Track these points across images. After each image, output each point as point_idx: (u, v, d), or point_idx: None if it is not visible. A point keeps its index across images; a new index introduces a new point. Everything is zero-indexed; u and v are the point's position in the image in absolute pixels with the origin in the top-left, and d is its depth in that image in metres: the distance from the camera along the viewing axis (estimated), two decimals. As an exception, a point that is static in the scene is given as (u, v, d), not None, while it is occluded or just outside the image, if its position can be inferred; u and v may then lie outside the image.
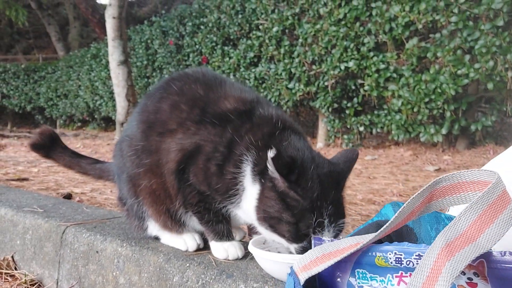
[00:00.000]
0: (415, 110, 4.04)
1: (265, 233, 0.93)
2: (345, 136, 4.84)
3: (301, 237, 0.86)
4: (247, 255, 1.04)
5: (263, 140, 0.94)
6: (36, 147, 1.40)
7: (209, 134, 0.98)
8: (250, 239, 1.11)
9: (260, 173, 0.91)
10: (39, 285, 1.36)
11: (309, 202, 0.85)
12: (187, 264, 1.02)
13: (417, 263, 0.49)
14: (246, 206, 0.96)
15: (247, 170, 0.94)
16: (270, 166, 0.85)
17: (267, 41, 5.41)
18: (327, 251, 0.53)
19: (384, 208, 0.80)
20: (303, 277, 0.50)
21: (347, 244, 0.53)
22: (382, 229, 0.53)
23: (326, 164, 0.92)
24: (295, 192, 0.86)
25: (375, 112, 4.54)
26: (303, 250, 0.86)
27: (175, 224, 1.09)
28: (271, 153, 0.84)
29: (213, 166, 0.97)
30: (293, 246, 0.88)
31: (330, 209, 0.85)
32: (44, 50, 14.76)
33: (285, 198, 0.87)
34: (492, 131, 4.29)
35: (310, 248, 0.84)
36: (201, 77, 1.09)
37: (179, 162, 1.00)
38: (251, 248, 0.93)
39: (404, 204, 0.52)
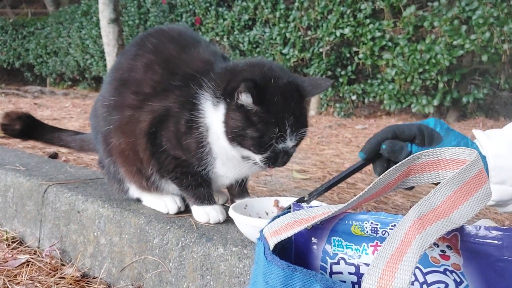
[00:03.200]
0: (408, 80, 4.01)
1: (236, 153, 0.95)
2: (337, 105, 4.82)
3: (265, 147, 0.91)
4: (228, 219, 1.04)
5: (219, 72, 0.97)
6: (14, 133, 1.39)
7: (177, 96, 0.98)
8: (232, 202, 1.10)
9: (223, 94, 0.93)
10: (20, 242, 1.36)
11: (271, 114, 0.89)
12: (168, 227, 1.02)
13: (392, 234, 0.48)
14: (216, 146, 0.97)
15: (208, 104, 0.95)
16: (241, 96, 0.87)
17: (262, 3, 5.27)
18: (298, 218, 0.52)
19: (427, 120, 0.84)
20: (272, 242, 0.50)
21: (320, 212, 0.52)
22: (353, 199, 0.52)
23: (286, 76, 0.94)
24: (258, 107, 0.88)
25: (368, 81, 4.50)
26: (267, 160, 0.93)
27: (151, 185, 1.08)
28: (242, 86, 0.86)
29: (182, 126, 0.97)
30: (258, 157, 0.93)
31: (291, 120, 0.89)
32: (32, 4, 14.28)
33: (249, 115, 0.90)
34: (483, 104, 4.29)
35: (275, 157, 0.91)
36: (176, 36, 1.07)
37: (149, 124, 1.00)
38: (231, 213, 0.92)
39: (380, 176, 0.51)
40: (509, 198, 0.80)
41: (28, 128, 1.39)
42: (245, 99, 0.87)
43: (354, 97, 4.60)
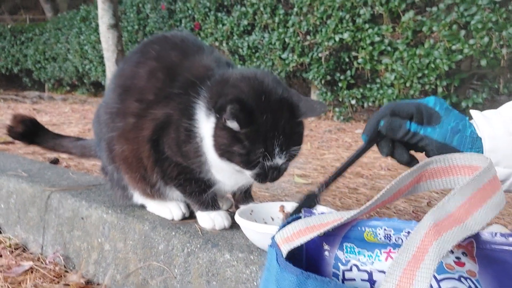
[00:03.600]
0: (407, 84, 4.02)
1: (228, 167, 0.94)
2: (337, 109, 4.83)
3: (251, 164, 0.90)
4: (234, 225, 1.04)
5: (214, 83, 0.95)
6: (17, 136, 1.40)
7: (177, 103, 0.98)
8: (238, 207, 1.10)
9: (214, 108, 0.92)
10: (23, 249, 1.35)
11: (257, 133, 0.87)
12: (173, 233, 1.02)
13: (406, 240, 0.48)
14: (210, 156, 0.96)
15: (201, 115, 0.94)
16: (226, 116, 0.86)
17: (261, 8, 5.29)
18: (310, 224, 0.52)
19: (427, 99, 0.83)
20: (285, 249, 0.49)
21: (332, 219, 0.52)
22: (366, 205, 0.52)
23: (281, 92, 0.92)
24: (245, 126, 0.87)
25: (368, 85, 4.51)
26: (257, 176, 0.93)
27: (155, 192, 1.08)
28: (218, 104, 0.86)
29: (182, 133, 0.96)
30: (248, 173, 0.93)
31: (281, 139, 0.88)
32: (31, 10, 14.30)
33: (235, 133, 0.88)
34: (482, 108, 4.29)
35: (264, 174, 0.90)
36: (179, 42, 1.07)
37: (152, 131, 1.00)
38: (237, 218, 0.92)
39: (392, 182, 0.51)
40: (502, 179, 0.79)
41: (31, 132, 1.39)
42: (231, 123, 0.86)
43: (353, 102, 4.61)
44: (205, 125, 0.94)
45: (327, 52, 4.65)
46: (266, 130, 0.88)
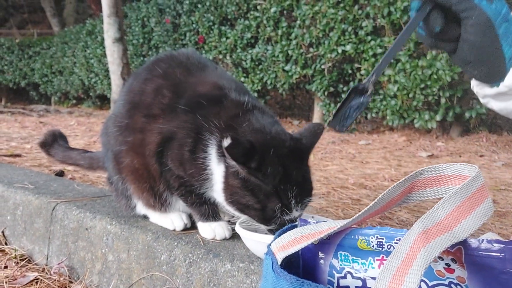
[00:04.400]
0: (410, 96, 4.04)
1: (236, 214, 0.94)
2: (340, 120, 4.84)
3: (269, 219, 0.88)
4: (235, 235, 1.05)
5: (226, 123, 0.95)
6: (41, 145, 1.49)
7: (182, 121, 0.99)
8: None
9: (224, 156, 0.91)
10: (29, 260, 1.37)
11: (272, 187, 0.86)
12: (175, 243, 1.03)
13: (397, 247, 0.49)
14: (218, 189, 0.97)
15: (213, 153, 0.94)
16: (226, 155, 0.85)
17: (264, 22, 5.35)
18: (305, 233, 0.53)
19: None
20: (280, 257, 0.51)
21: (325, 227, 0.54)
22: (358, 214, 0.53)
23: (288, 141, 0.92)
24: (257, 178, 0.86)
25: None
26: (273, 231, 0.88)
27: (158, 202, 1.10)
28: (225, 142, 0.83)
29: (186, 152, 0.98)
30: (263, 227, 0.91)
31: (295, 190, 0.86)
32: (38, 25, 14.53)
33: (248, 185, 0.87)
34: (486, 118, 4.30)
35: (280, 229, 0.88)
36: (185, 60, 1.11)
37: (157, 145, 1.02)
38: (238, 229, 0.94)
39: (384, 192, 0.53)
40: None
41: (52, 143, 1.48)
42: (241, 168, 0.85)
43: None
44: (214, 160, 0.94)
45: (330, 64, 4.69)
46: (280, 183, 0.86)
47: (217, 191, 0.97)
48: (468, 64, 0.79)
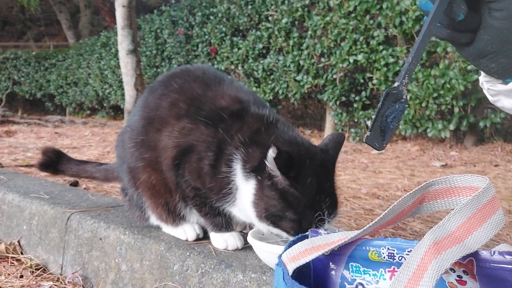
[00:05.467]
0: (423, 105, 4.01)
1: (265, 228, 0.94)
2: (352, 130, 4.83)
3: (305, 231, 0.87)
4: (247, 245, 1.06)
5: (251, 137, 0.95)
6: (44, 167, 1.48)
7: (201, 134, 0.99)
8: (251, 229, 1.12)
9: (254, 170, 0.92)
10: (43, 269, 1.39)
11: (310, 198, 0.87)
12: (188, 253, 1.04)
13: (408, 259, 0.49)
14: (241, 204, 0.97)
15: (238, 168, 0.95)
16: (271, 165, 0.86)
17: (276, 32, 5.39)
18: (316, 244, 0.54)
19: None
20: (291, 267, 0.51)
21: (336, 238, 0.54)
22: (369, 225, 0.53)
23: (318, 153, 0.93)
24: (296, 189, 0.87)
25: (383, 106, 4.50)
26: None
27: (170, 217, 1.12)
28: (272, 152, 0.84)
29: (205, 166, 0.98)
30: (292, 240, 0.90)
31: (327, 202, 0.87)
32: (55, 37, 14.83)
33: (287, 196, 0.87)
34: (501, 128, 4.25)
35: None
36: (201, 75, 1.11)
37: (174, 158, 1.03)
38: (250, 239, 0.94)
39: (395, 203, 0.53)
40: None
41: (55, 162, 1.46)
42: (280, 176, 0.86)
43: (369, 122, 4.61)
44: (241, 176, 0.94)
45: (341, 73, 4.69)
46: (316, 194, 0.87)
47: (239, 205, 0.97)
48: (485, 56, 0.71)
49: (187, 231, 1.13)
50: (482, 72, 0.79)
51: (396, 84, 0.68)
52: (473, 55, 0.72)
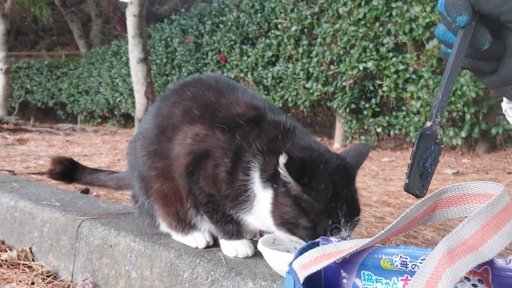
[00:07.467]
0: (434, 112, 3.98)
1: (284, 236, 0.93)
2: (362, 137, 4.81)
3: None
4: (257, 253, 1.05)
5: (269, 145, 0.94)
6: (59, 176, 1.49)
7: (218, 140, 0.98)
8: (262, 236, 1.11)
9: (270, 179, 0.91)
10: (54, 276, 1.39)
11: (324, 204, 0.85)
12: (198, 261, 1.04)
13: (421, 267, 0.48)
14: (258, 212, 0.96)
15: (256, 176, 0.94)
16: (283, 171, 0.85)
17: (285, 40, 5.41)
18: (327, 252, 0.53)
19: None
20: (302, 275, 0.51)
21: (347, 246, 0.54)
22: (381, 233, 0.53)
23: (334, 160, 0.92)
24: (309, 195, 0.86)
25: (393, 113, 4.49)
26: None
27: (180, 225, 1.12)
28: (283, 159, 0.83)
29: (222, 172, 0.97)
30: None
31: (344, 209, 0.86)
32: (66, 46, 15.04)
33: (300, 203, 0.87)
34: (513, 135, 4.20)
35: None
36: (214, 83, 1.11)
37: (188, 165, 1.02)
38: (260, 247, 0.93)
39: (407, 211, 0.52)
40: None
41: (69, 171, 1.47)
42: (293, 183, 0.85)
43: (379, 130, 4.59)
44: (261, 189, 0.93)
45: (351, 81, 4.68)
46: (331, 201, 0.85)
47: (256, 214, 0.97)
48: (511, 83, 0.67)
49: (198, 238, 1.13)
50: (505, 98, 0.76)
51: (428, 124, 0.64)
52: (497, 82, 0.69)
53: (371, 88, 4.62)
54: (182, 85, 1.16)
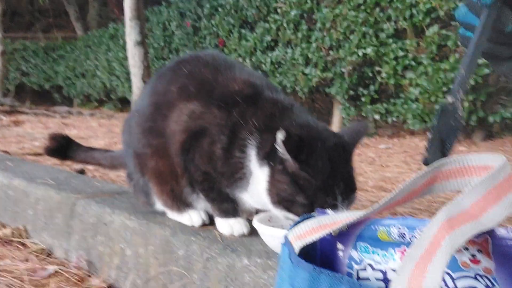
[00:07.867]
0: (432, 99, 3.97)
1: (280, 214, 0.93)
2: (360, 124, 4.79)
3: None
4: (253, 231, 1.04)
5: (266, 123, 0.93)
6: (53, 152, 1.46)
7: (214, 117, 0.98)
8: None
9: (267, 156, 0.90)
10: (49, 254, 1.39)
11: (321, 182, 0.85)
12: (193, 238, 1.03)
13: (420, 238, 0.47)
14: (255, 190, 0.96)
15: (252, 154, 0.93)
16: (281, 148, 0.84)
17: (284, 25, 5.35)
18: (323, 223, 0.52)
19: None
20: (297, 246, 0.50)
21: (344, 217, 0.53)
22: (378, 204, 0.52)
23: (332, 137, 0.91)
24: (307, 173, 0.85)
25: (392, 100, 4.47)
26: None
27: (176, 203, 1.10)
28: (281, 135, 0.82)
29: (218, 150, 0.97)
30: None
31: (341, 186, 0.85)
32: (63, 29, 14.86)
33: (297, 180, 0.86)
34: (510, 123, 4.19)
35: None
36: (211, 60, 1.09)
37: (183, 143, 1.01)
38: (255, 224, 0.93)
39: (406, 182, 0.51)
40: None
41: (64, 147, 1.45)
42: (290, 160, 0.85)
43: (377, 117, 4.57)
44: (257, 167, 0.93)
45: (350, 67, 4.65)
46: (328, 178, 0.85)
47: (252, 191, 0.96)
48: None
49: (193, 217, 1.12)
50: None
51: (450, 99, 0.64)
52: None
53: (370, 74, 4.59)
54: (178, 62, 1.15)
